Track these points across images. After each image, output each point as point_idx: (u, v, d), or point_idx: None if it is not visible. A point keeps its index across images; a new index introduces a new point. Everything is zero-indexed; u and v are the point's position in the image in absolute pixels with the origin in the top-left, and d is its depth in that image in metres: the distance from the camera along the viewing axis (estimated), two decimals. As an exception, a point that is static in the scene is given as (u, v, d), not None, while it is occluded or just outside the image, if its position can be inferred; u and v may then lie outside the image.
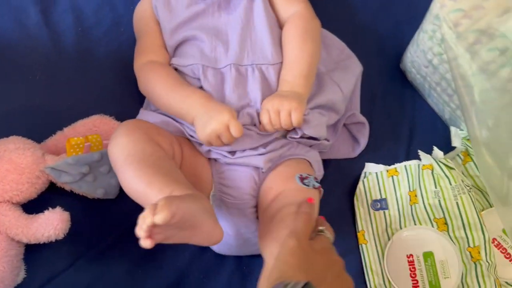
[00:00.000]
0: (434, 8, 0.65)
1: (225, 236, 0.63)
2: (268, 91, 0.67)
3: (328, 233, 0.58)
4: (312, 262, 0.52)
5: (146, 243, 0.49)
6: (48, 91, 0.77)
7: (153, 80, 0.68)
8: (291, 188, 0.62)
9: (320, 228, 0.57)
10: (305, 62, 0.67)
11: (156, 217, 0.47)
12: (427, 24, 0.68)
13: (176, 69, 0.70)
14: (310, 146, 0.70)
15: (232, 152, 0.65)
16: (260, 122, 0.65)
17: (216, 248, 0.69)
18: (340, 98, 0.71)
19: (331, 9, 0.84)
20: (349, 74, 0.74)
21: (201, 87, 0.67)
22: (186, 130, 0.67)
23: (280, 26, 0.72)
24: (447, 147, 0.76)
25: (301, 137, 0.67)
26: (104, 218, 0.73)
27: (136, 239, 0.71)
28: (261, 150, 0.65)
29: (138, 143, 0.59)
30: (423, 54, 0.72)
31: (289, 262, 0.51)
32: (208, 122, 0.61)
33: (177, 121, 0.67)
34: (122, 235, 0.72)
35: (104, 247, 0.72)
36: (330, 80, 0.72)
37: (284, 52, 0.68)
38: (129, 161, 0.58)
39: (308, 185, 0.64)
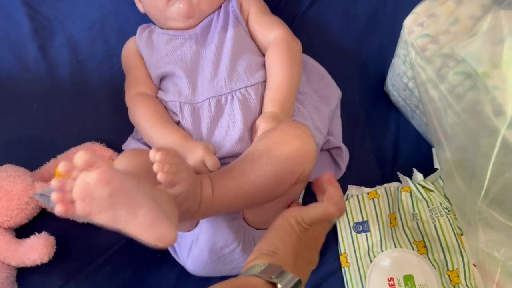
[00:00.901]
0: (403, 34, 0.66)
1: (199, 251, 0.65)
2: (250, 111, 0.69)
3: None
4: (304, 248, 0.53)
5: (58, 208, 0.42)
6: (44, 120, 0.82)
7: (139, 114, 0.72)
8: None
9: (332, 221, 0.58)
10: (292, 84, 0.70)
11: (87, 174, 0.41)
12: (399, 49, 0.69)
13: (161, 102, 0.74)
14: None
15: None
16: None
17: (190, 267, 0.70)
18: (313, 130, 0.72)
19: (313, 34, 0.86)
20: (325, 110, 0.75)
21: (179, 123, 0.71)
22: None
23: (262, 51, 0.75)
24: (431, 169, 0.76)
25: None
26: (93, 241, 0.76)
27: (123, 262, 0.75)
28: None
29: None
30: (399, 78, 0.73)
31: (286, 243, 0.51)
32: (187, 159, 0.63)
33: None
34: (110, 258, 0.75)
35: (92, 269, 0.75)
36: (307, 112, 0.73)
37: (270, 74, 0.71)
38: None
39: None
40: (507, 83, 0.52)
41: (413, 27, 0.64)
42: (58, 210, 0.42)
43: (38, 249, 0.67)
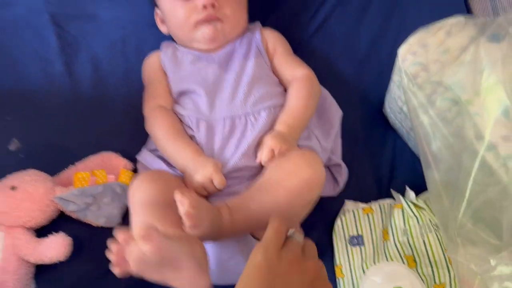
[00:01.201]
0: (398, 61, 0.71)
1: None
2: (260, 132, 0.75)
3: (298, 235, 0.56)
4: (283, 276, 0.51)
5: (115, 269, 0.55)
6: (65, 130, 0.88)
7: (157, 126, 0.79)
8: None
9: (289, 232, 0.56)
10: (304, 114, 0.78)
11: (143, 245, 0.53)
12: (395, 75, 0.75)
13: (177, 114, 0.81)
14: None
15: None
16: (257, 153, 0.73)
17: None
18: (319, 149, 0.79)
19: (317, 59, 0.91)
20: (329, 130, 0.82)
21: (193, 137, 0.77)
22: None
23: (283, 83, 0.83)
24: (424, 187, 0.80)
25: None
26: (105, 244, 0.81)
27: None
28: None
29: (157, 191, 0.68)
30: (395, 102, 0.78)
31: (256, 280, 0.49)
32: (194, 175, 0.71)
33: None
34: (121, 260, 0.81)
35: (104, 270, 0.79)
36: (312, 133, 0.80)
37: (288, 101, 0.79)
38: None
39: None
40: (486, 110, 0.57)
41: (406, 55, 0.70)
42: (115, 271, 0.55)
43: (56, 247, 0.73)
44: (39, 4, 0.94)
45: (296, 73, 0.82)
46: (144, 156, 0.81)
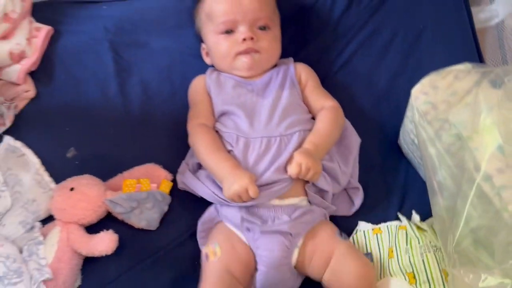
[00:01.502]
0: (411, 99, 0.82)
1: None
2: (290, 151, 0.86)
3: None
4: None
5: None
6: (116, 143, 1.00)
7: (199, 141, 0.90)
8: (338, 245, 0.81)
9: None
10: (329, 137, 0.90)
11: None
12: (408, 111, 0.85)
13: (218, 131, 0.92)
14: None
15: (264, 222, 0.83)
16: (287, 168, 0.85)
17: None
18: (339, 172, 0.89)
19: (340, 91, 1.01)
20: (348, 156, 0.92)
21: (231, 151, 0.88)
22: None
23: (312, 112, 0.94)
24: (431, 213, 0.89)
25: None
26: (145, 244, 0.92)
27: (167, 264, 0.91)
28: (286, 218, 0.83)
29: None
30: (408, 134, 0.88)
31: None
32: (232, 185, 0.81)
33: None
34: (158, 259, 0.90)
35: (142, 267, 0.90)
36: (334, 157, 0.91)
37: (316, 125, 0.90)
38: None
39: (346, 239, 0.85)
40: (484, 146, 0.67)
41: (419, 95, 0.80)
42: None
43: (105, 242, 0.84)
44: (100, 33, 1.08)
45: (325, 103, 0.94)
46: (187, 178, 0.92)
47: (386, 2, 1.07)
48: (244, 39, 0.92)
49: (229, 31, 0.93)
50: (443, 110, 0.77)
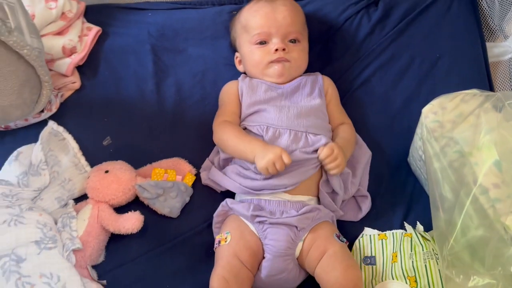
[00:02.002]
0: (421, 118, 0.89)
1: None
2: (313, 145, 0.96)
3: None
4: None
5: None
6: (148, 136, 1.10)
7: (226, 131, 0.99)
8: (333, 245, 0.88)
9: None
10: (350, 149, 1.01)
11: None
12: (418, 129, 0.93)
13: (244, 129, 1.01)
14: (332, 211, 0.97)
15: (273, 215, 0.91)
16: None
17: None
18: (349, 181, 0.98)
19: (358, 108, 1.11)
20: (357, 166, 1.01)
21: (261, 137, 0.97)
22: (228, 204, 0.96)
23: (331, 121, 1.04)
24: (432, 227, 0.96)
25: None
26: (165, 229, 1.00)
27: (184, 250, 0.98)
28: (294, 213, 0.91)
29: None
30: (416, 151, 0.95)
31: None
32: (266, 155, 0.90)
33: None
34: (176, 244, 0.99)
35: (161, 250, 0.98)
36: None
37: (341, 134, 1.02)
38: None
39: (342, 241, 0.91)
40: (482, 161, 0.74)
41: (428, 114, 0.88)
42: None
43: (132, 221, 0.92)
44: (143, 37, 1.19)
45: (345, 120, 1.05)
46: (213, 173, 1.02)
47: (406, 30, 1.16)
48: (277, 50, 1.01)
49: (262, 42, 1.03)
50: (449, 128, 0.84)
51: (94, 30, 1.18)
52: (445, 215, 0.82)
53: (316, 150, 0.94)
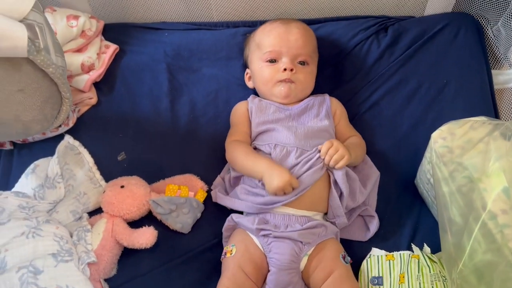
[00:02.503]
0: (431, 142, 0.92)
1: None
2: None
3: None
4: None
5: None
6: (161, 152, 1.13)
7: (237, 150, 1.02)
8: (339, 267, 0.91)
9: None
10: (356, 154, 1.02)
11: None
12: (427, 153, 0.95)
13: (255, 148, 1.04)
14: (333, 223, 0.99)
15: (277, 228, 0.94)
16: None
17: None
18: (358, 188, 1.00)
19: (366, 130, 1.13)
20: (366, 183, 1.03)
21: (269, 154, 1.00)
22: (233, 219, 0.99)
23: (339, 137, 1.07)
24: (439, 249, 0.98)
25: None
26: (176, 244, 1.02)
27: (194, 266, 1.00)
28: (298, 227, 0.93)
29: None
30: (424, 174, 0.98)
31: None
32: (274, 179, 0.93)
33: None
34: (186, 260, 1.00)
35: (172, 265, 1.00)
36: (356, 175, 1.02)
37: (349, 140, 1.06)
38: None
39: (347, 262, 0.93)
40: (491, 187, 0.76)
41: (438, 139, 0.91)
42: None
43: (146, 236, 0.95)
44: (159, 56, 1.22)
45: (353, 134, 1.09)
46: (221, 197, 1.04)
47: (414, 56, 1.19)
48: (285, 69, 1.05)
49: (273, 60, 1.07)
50: (458, 154, 0.87)
51: (112, 48, 1.21)
52: (453, 238, 0.84)
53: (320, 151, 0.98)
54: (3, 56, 0.75)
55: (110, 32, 1.25)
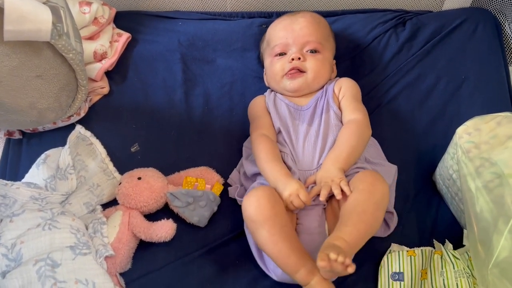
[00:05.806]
0: (455, 138, 0.91)
1: None
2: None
3: None
4: None
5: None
6: (177, 144, 1.10)
7: (259, 149, 0.98)
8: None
9: None
10: (351, 154, 0.95)
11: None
12: (450, 148, 0.94)
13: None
14: None
15: None
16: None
17: (278, 275, 0.91)
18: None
19: (386, 123, 1.12)
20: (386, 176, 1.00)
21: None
22: None
23: (342, 122, 1.03)
24: (460, 245, 0.97)
25: None
26: (192, 238, 1.00)
27: (210, 260, 0.98)
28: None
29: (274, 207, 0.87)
30: (446, 170, 0.97)
31: None
32: (284, 190, 0.90)
33: None
34: (202, 254, 0.98)
35: (188, 260, 0.98)
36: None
37: (337, 142, 0.98)
38: (269, 226, 0.85)
39: None
40: (523, 183, 0.75)
41: (463, 134, 0.89)
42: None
43: (165, 229, 0.92)
44: (174, 45, 1.20)
45: (351, 117, 1.01)
46: (235, 179, 1.04)
47: (433, 51, 1.18)
48: (293, 59, 1.03)
49: (282, 54, 1.05)
50: (484, 150, 0.86)
51: (125, 36, 1.18)
52: (479, 232, 0.83)
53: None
54: (25, 39, 0.71)
55: (122, 19, 1.22)
